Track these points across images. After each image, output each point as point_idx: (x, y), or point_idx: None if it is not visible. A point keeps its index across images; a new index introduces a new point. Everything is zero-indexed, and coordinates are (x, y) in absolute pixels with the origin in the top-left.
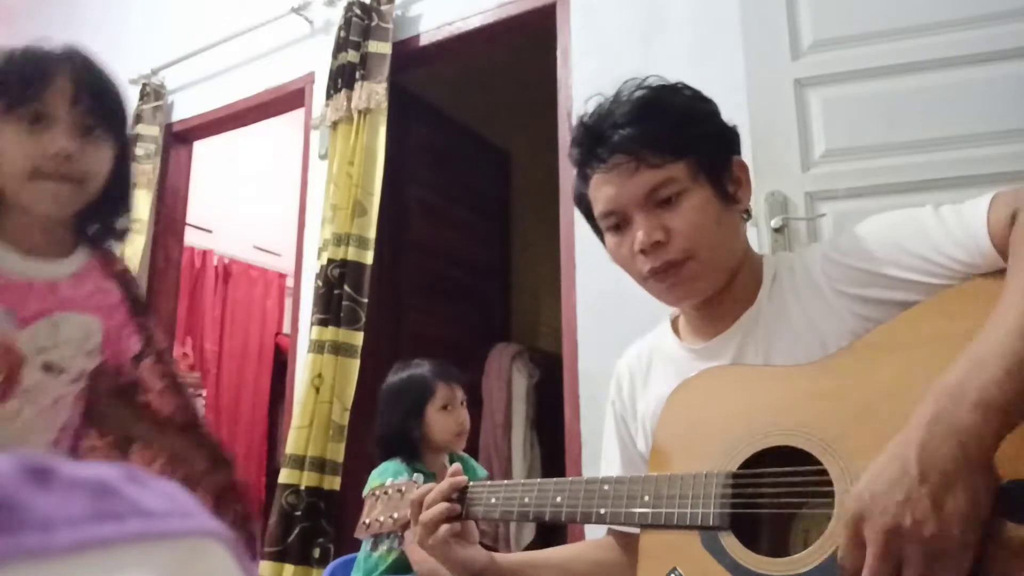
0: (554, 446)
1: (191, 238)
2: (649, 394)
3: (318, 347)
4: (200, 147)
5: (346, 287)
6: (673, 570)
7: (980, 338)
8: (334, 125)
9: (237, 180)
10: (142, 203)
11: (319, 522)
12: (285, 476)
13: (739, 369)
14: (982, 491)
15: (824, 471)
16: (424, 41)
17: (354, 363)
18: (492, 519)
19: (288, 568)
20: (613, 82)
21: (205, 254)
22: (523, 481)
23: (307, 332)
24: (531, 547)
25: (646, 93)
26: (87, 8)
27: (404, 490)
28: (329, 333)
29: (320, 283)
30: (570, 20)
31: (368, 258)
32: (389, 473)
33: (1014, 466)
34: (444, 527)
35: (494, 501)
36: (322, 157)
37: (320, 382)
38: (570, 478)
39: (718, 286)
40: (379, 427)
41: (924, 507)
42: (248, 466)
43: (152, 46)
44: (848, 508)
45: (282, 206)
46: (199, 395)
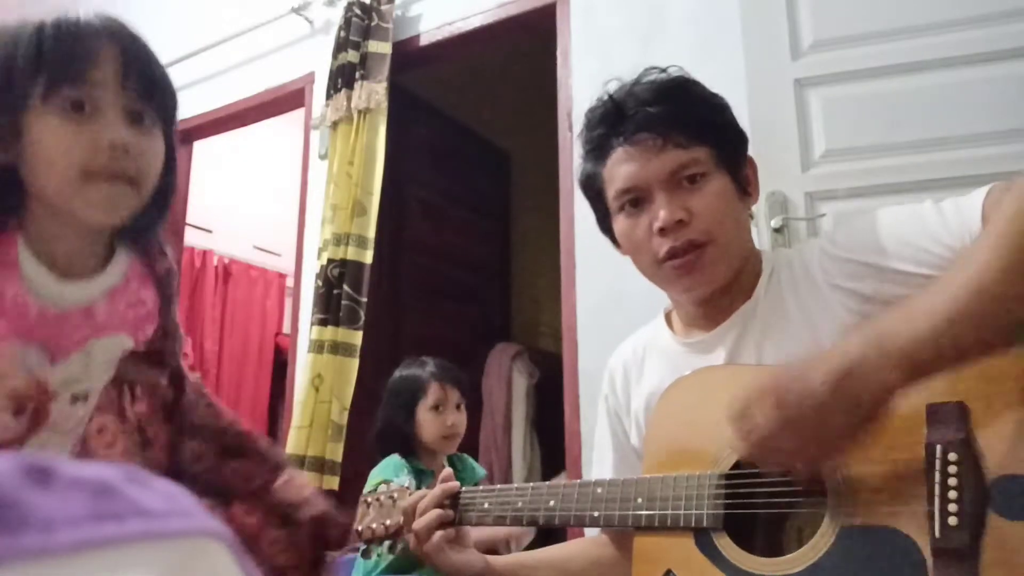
0: (554, 446)
1: (191, 238)
2: (643, 388)
3: (318, 347)
4: (200, 147)
5: (346, 287)
6: (668, 572)
7: (928, 292)
8: (334, 125)
9: (237, 180)
10: None
11: None
12: None
13: (731, 368)
14: (862, 427)
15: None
16: (424, 41)
17: (353, 363)
18: (486, 524)
19: None
20: (613, 82)
21: (205, 254)
22: (516, 485)
23: (307, 332)
24: (531, 547)
25: (671, 77)
26: (87, 8)
27: (396, 497)
28: (329, 333)
29: (320, 283)
30: (570, 20)
31: (368, 258)
32: (390, 469)
33: (1005, 462)
34: (438, 533)
35: (487, 506)
36: (322, 157)
37: (320, 382)
38: (563, 481)
39: (729, 277)
40: (377, 422)
41: (811, 416)
42: None
43: (152, 46)
44: (756, 391)
45: (282, 206)
46: None
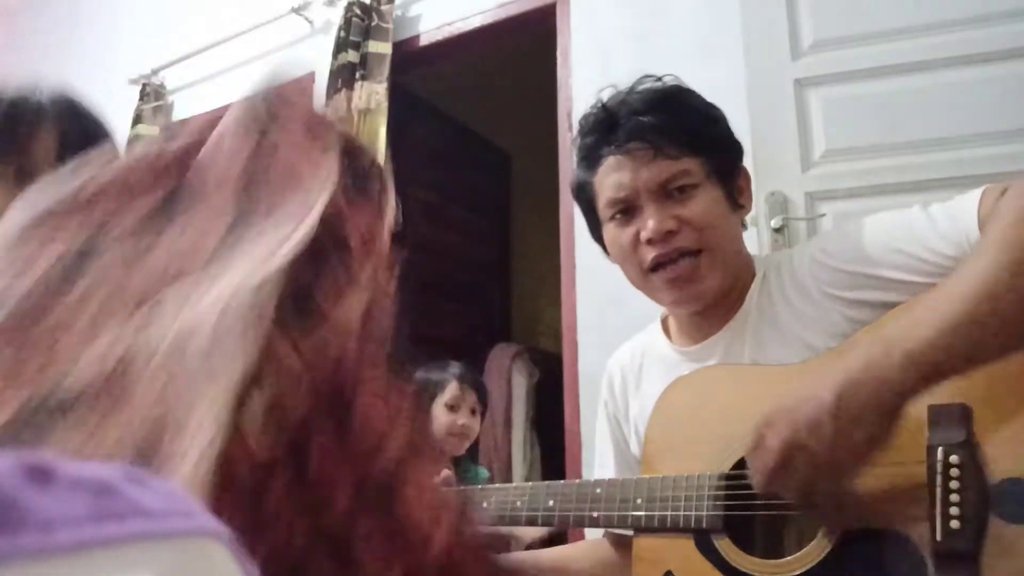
0: (554, 446)
1: None
2: (641, 395)
3: None
4: None
5: None
6: (667, 573)
7: (931, 297)
8: None
9: None
10: None
11: None
12: None
13: (729, 368)
14: (880, 437)
15: None
16: (424, 41)
17: None
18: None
19: None
20: (613, 82)
21: None
22: (515, 485)
23: None
24: (531, 547)
25: (665, 87)
26: (87, 8)
27: None
28: None
29: None
30: (570, 20)
31: None
32: None
33: (1008, 464)
34: None
35: (486, 506)
36: None
37: None
38: (562, 481)
39: (720, 293)
40: None
41: (825, 432)
42: None
43: (152, 46)
44: (766, 413)
45: None
46: None
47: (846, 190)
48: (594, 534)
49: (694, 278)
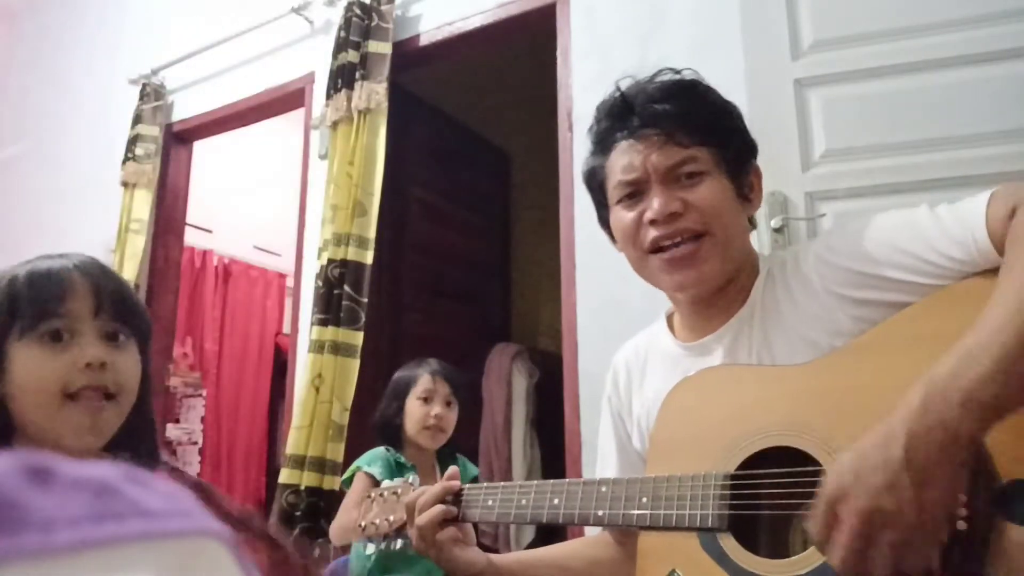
0: (554, 446)
1: (191, 238)
2: (645, 392)
3: (318, 347)
4: (200, 147)
5: (346, 287)
6: (672, 572)
7: (972, 331)
8: (334, 125)
9: (237, 180)
10: (142, 203)
11: (319, 522)
12: (285, 476)
13: (735, 369)
14: (960, 484)
15: (822, 471)
16: (424, 41)
17: (354, 363)
18: (489, 522)
19: None
20: (613, 82)
21: (205, 254)
22: (520, 483)
23: (307, 332)
24: (531, 546)
25: (683, 79)
26: (87, 8)
27: (400, 493)
28: (329, 333)
29: (320, 283)
30: (570, 20)
31: (368, 258)
32: (365, 458)
33: (1015, 466)
34: (443, 532)
35: (491, 503)
36: (322, 157)
37: (320, 382)
38: (567, 480)
39: (723, 279)
40: (376, 414)
41: (906, 494)
42: (248, 466)
43: (152, 46)
44: (828, 486)
45: (282, 206)
46: (199, 395)
47: (846, 190)
48: (595, 530)
49: (693, 260)
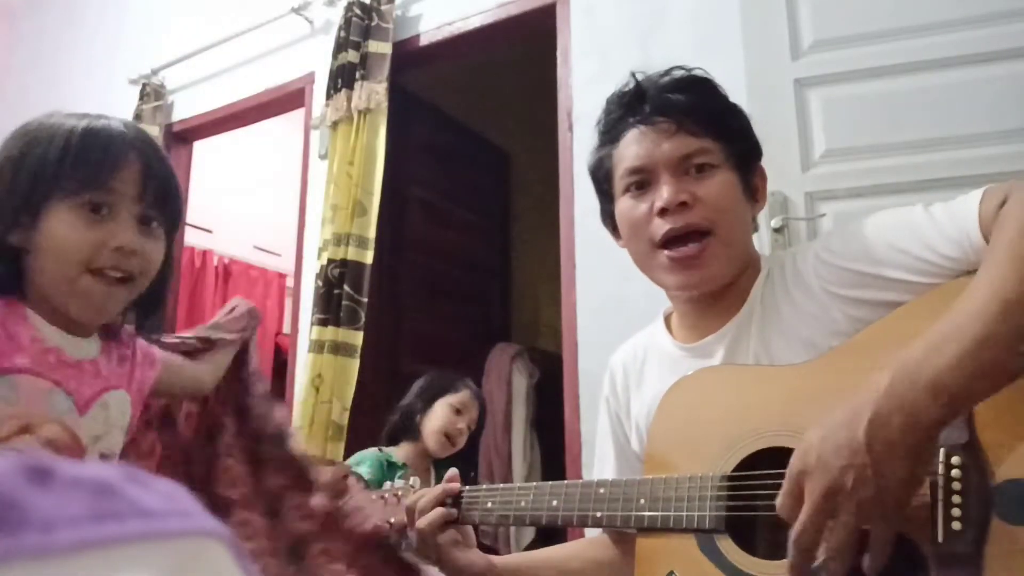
0: (554, 446)
1: (191, 238)
2: (643, 393)
3: (318, 347)
4: (200, 147)
5: (346, 287)
6: (670, 573)
7: (946, 317)
8: (334, 125)
9: (237, 180)
10: None
11: None
12: None
13: (733, 369)
14: (920, 467)
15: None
16: (424, 41)
17: (354, 363)
18: (488, 524)
19: None
20: (613, 82)
21: (205, 254)
22: (519, 485)
23: (307, 332)
24: (531, 547)
25: (698, 74)
26: (87, 8)
27: (401, 495)
28: (329, 333)
29: (320, 283)
30: (570, 20)
31: (368, 258)
32: (355, 459)
33: (1010, 466)
34: (443, 534)
35: (490, 505)
36: (322, 157)
37: (320, 382)
38: (566, 481)
39: (725, 281)
40: (400, 403)
41: (865, 473)
42: None
43: (152, 46)
44: (795, 461)
45: (282, 206)
46: None
47: (846, 190)
48: (593, 533)
49: (700, 261)
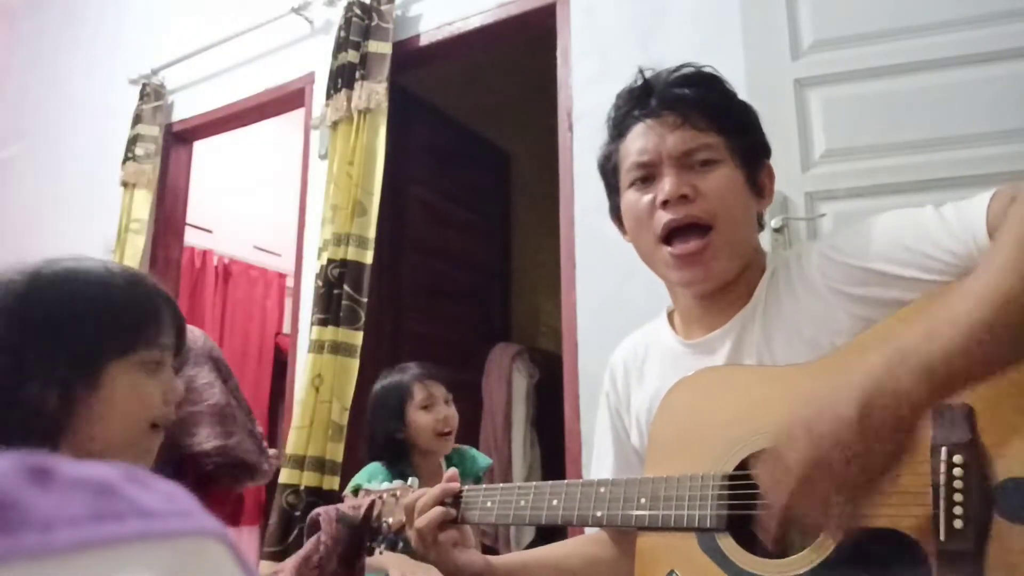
0: (554, 446)
1: (191, 238)
2: (644, 388)
3: (318, 347)
4: (200, 147)
5: (346, 287)
6: (671, 572)
7: (945, 304)
8: (334, 125)
9: (237, 180)
10: (142, 203)
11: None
12: (285, 476)
13: (735, 369)
14: (903, 448)
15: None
16: (424, 41)
17: (354, 363)
18: (488, 523)
19: None
20: (613, 82)
21: (205, 254)
22: (519, 484)
23: (307, 332)
24: (531, 546)
25: (707, 71)
26: (87, 8)
27: (399, 495)
28: (329, 333)
29: (320, 283)
30: (570, 20)
31: (368, 258)
32: (364, 474)
33: (1011, 465)
34: (442, 534)
35: (489, 505)
36: (322, 157)
37: (320, 382)
38: (566, 481)
39: (729, 276)
40: (367, 436)
41: (853, 452)
42: None
43: (152, 46)
44: (785, 432)
45: (282, 206)
46: None
47: (846, 190)
48: (594, 531)
49: (702, 257)
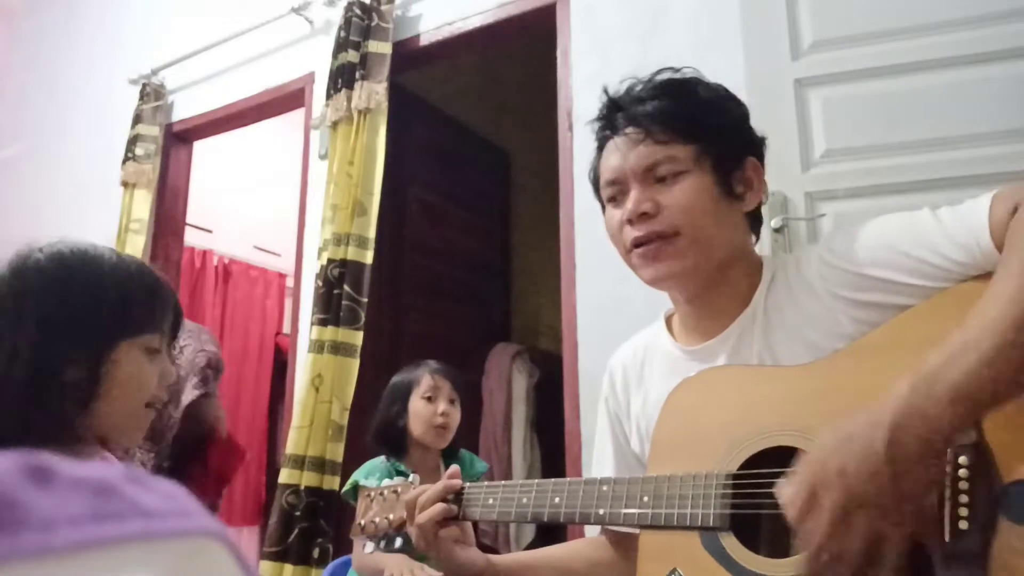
0: (554, 446)
1: (191, 238)
2: (643, 393)
3: (318, 347)
4: (200, 147)
5: (346, 287)
6: (673, 571)
7: (964, 326)
8: (334, 125)
9: (237, 180)
10: (142, 203)
11: (318, 522)
12: (285, 476)
13: (738, 369)
14: (937, 476)
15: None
16: (424, 41)
17: (354, 363)
18: (490, 520)
19: (288, 568)
20: (613, 82)
21: (205, 254)
22: (521, 482)
23: (307, 332)
24: (531, 547)
25: (674, 77)
26: (87, 8)
27: (400, 491)
28: (329, 333)
29: (320, 283)
30: (570, 20)
31: (368, 258)
32: (363, 471)
33: (1017, 466)
34: (443, 531)
35: (491, 502)
36: (322, 157)
37: (320, 382)
38: (568, 479)
39: (701, 277)
40: (374, 421)
41: (886, 484)
42: (248, 466)
43: (152, 46)
44: (809, 468)
45: (282, 206)
46: None
47: (846, 190)
48: (595, 531)
49: (662, 256)
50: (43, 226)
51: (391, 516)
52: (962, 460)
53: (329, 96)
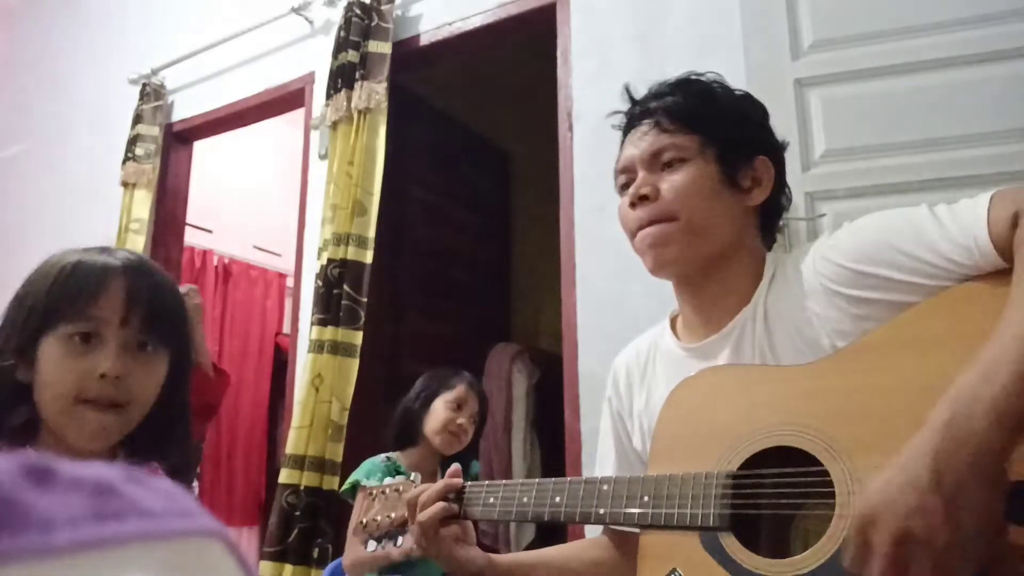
0: (554, 446)
1: (191, 238)
2: (646, 393)
3: (318, 347)
4: (200, 147)
5: (346, 287)
6: (673, 571)
7: (991, 342)
8: (334, 125)
9: (237, 180)
10: (142, 203)
11: (318, 522)
12: (285, 476)
13: (739, 368)
14: (993, 500)
15: (825, 472)
16: (424, 41)
17: (354, 363)
18: (490, 519)
19: (288, 568)
20: (613, 82)
21: (205, 254)
22: (522, 481)
23: (307, 332)
24: (531, 547)
25: (691, 76)
26: (87, 8)
27: (401, 490)
28: (329, 333)
29: (320, 283)
30: (570, 20)
31: (368, 258)
32: (363, 470)
33: (1018, 467)
34: (444, 529)
35: (492, 501)
36: (322, 157)
37: (320, 382)
38: (569, 478)
39: (695, 262)
40: (399, 404)
41: (937, 515)
42: (248, 466)
43: (152, 46)
44: (858, 511)
45: (282, 206)
46: None
47: (846, 190)
48: (595, 531)
49: (657, 241)
50: (43, 226)
51: (392, 514)
52: None
53: (329, 96)
